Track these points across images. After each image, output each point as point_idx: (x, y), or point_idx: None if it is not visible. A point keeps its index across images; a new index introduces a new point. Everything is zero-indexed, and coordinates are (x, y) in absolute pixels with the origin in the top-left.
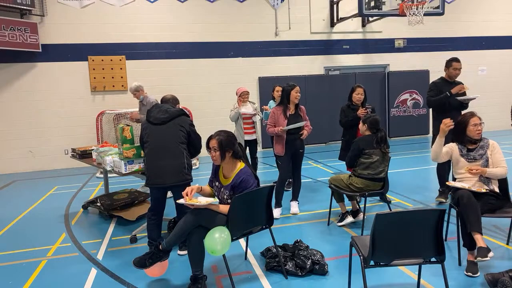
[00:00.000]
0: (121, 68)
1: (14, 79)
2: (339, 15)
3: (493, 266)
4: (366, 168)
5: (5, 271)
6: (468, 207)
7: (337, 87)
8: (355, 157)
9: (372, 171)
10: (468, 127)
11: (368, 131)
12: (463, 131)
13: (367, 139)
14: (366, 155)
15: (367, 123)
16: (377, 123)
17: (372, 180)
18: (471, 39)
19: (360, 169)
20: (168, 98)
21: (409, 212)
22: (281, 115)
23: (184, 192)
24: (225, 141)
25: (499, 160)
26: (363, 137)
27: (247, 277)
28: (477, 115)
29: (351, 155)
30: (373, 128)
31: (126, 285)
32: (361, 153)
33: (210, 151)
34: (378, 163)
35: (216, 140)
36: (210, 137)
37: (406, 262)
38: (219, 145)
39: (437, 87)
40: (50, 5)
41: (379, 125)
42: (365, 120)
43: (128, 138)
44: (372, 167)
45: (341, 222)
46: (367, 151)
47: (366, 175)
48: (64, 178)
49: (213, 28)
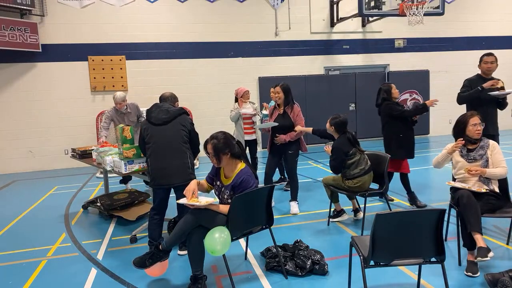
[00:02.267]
0: (121, 68)
1: (14, 79)
2: (339, 15)
3: (493, 266)
4: (356, 166)
5: (5, 271)
6: (468, 207)
7: (337, 87)
8: (342, 162)
9: (361, 166)
10: (468, 127)
11: (336, 133)
12: (462, 131)
13: (343, 142)
14: (351, 156)
15: (333, 124)
16: (344, 125)
17: (367, 173)
18: (471, 39)
19: (351, 170)
20: (167, 96)
21: (409, 212)
22: (272, 113)
23: (186, 193)
24: (219, 145)
25: (499, 160)
26: (339, 141)
27: (247, 277)
28: (478, 115)
29: (338, 161)
30: (340, 130)
31: (126, 285)
32: (346, 156)
33: (209, 155)
34: (361, 159)
35: (211, 145)
36: (206, 141)
37: (406, 262)
38: (214, 151)
39: (471, 83)
40: (50, 5)
41: (346, 126)
42: (331, 121)
43: (128, 138)
44: (360, 163)
45: (336, 218)
46: (350, 152)
47: (359, 172)
48: (64, 178)
49: (213, 28)
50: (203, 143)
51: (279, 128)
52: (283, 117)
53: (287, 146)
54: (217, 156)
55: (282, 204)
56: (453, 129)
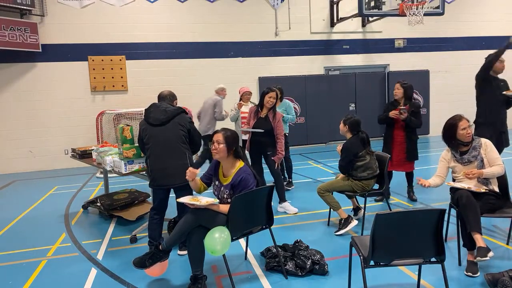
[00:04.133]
0: (121, 68)
1: (14, 79)
2: (339, 15)
3: (493, 266)
4: (365, 170)
5: (5, 271)
6: (467, 207)
7: (337, 87)
8: (350, 163)
9: (371, 170)
10: (458, 132)
11: (349, 133)
12: (453, 136)
13: (355, 142)
14: (361, 157)
15: (347, 124)
16: (358, 125)
17: (373, 177)
18: (471, 39)
19: (359, 172)
20: (166, 95)
21: (409, 212)
22: (252, 115)
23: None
24: (231, 137)
25: (494, 158)
26: (351, 141)
27: (247, 277)
28: (465, 118)
29: (346, 161)
30: (354, 129)
31: (126, 285)
32: (355, 157)
33: (213, 144)
34: (372, 162)
35: (222, 134)
36: (216, 131)
37: (406, 262)
38: (225, 139)
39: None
40: (50, 5)
41: (360, 126)
42: (345, 121)
43: (128, 138)
44: (370, 167)
45: (345, 228)
46: (360, 153)
47: (366, 176)
48: (64, 178)
49: (213, 28)
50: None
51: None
52: (265, 121)
53: (264, 148)
54: (227, 145)
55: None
56: (442, 135)
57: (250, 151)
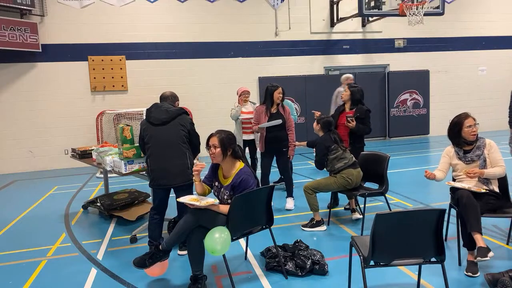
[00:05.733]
0: (121, 68)
1: (14, 79)
2: (339, 15)
3: (493, 266)
4: (339, 160)
5: (5, 271)
6: (467, 207)
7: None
8: (324, 157)
9: (346, 160)
10: (463, 129)
11: (321, 131)
12: (458, 133)
13: (326, 138)
14: (333, 151)
15: (320, 123)
16: (330, 124)
17: (352, 167)
18: (471, 39)
19: (335, 164)
20: (167, 95)
21: (409, 212)
22: (263, 114)
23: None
24: (226, 139)
25: (497, 159)
26: (323, 137)
27: (247, 277)
28: (471, 116)
29: (320, 156)
30: (325, 128)
31: (126, 285)
32: (327, 151)
33: (210, 148)
34: (346, 154)
35: (217, 138)
36: (211, 135)
37: (406, 262)
38: (220, 142)
39: None
40: (50, 5)
41: (332, 126)
42: (319, 120)
43: (128, 138)
44: (344, 157)
45: (313, 228)
46: (332, 147)
47: (343, 166)
48: (64, 178)
49: (213, 28)
50: (206, 137)
51: (276, 126)
52: (278, 115)
53: (282, 143)
54: (223, 148)
55: (282, 204)
56: (448, 132)
57: (266, 151)
